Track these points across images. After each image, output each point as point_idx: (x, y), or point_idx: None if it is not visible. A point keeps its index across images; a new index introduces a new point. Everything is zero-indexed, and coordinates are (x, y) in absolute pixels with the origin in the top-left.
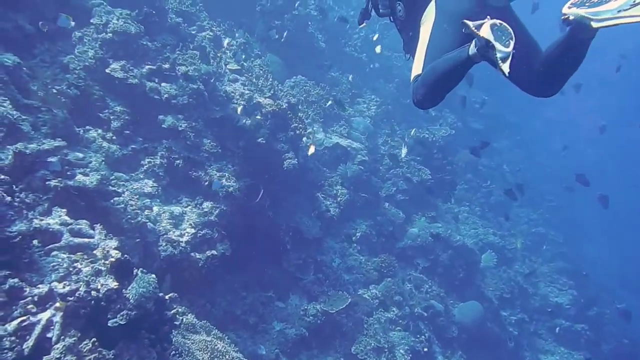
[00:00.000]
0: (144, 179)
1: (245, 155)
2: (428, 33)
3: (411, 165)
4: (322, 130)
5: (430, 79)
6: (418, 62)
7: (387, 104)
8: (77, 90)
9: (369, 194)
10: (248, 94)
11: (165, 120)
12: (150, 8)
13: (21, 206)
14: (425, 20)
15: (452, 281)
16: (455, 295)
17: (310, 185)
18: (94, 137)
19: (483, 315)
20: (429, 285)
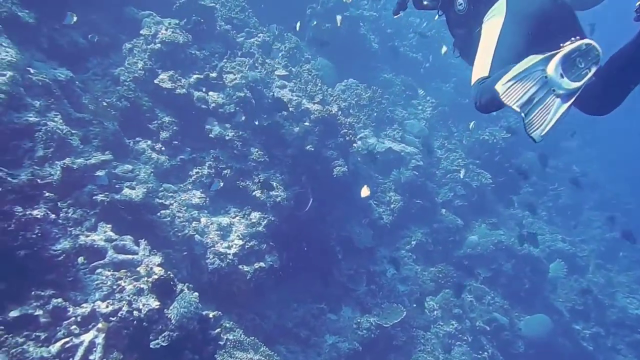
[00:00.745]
0: (192, 190)
1: (294, 163)
2: (496, 32)
3: (470, 169)
4: (374, 135)
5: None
6: (483, 63)
7: (444, 105)
8: (127, 102)
9: (425, 200)
10: (296, 100)
11: (213, 129)
12: (199, 17)
13: (66, 223)
14: (492, 17)
15: (516, 292)
16: (521, 307)
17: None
18: (144, 149)
19: (553, 329)
20: (491, 297)
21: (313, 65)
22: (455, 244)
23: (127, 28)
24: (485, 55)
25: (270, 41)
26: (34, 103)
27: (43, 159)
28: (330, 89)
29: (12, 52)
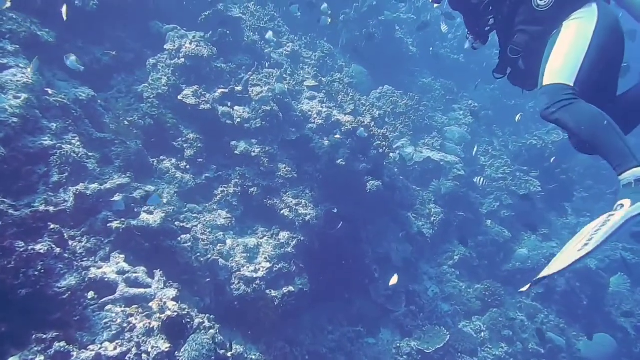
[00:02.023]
0: (218, 210)
1: (325, 178)
2: (586, 39)
3: (517, 177)
4: (411, 144)
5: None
6: (566, 68)
7: (487, 109)
8: (151, 120)
9: (468, 211)
10: (326, 111)
11: (238, 145)
12: (225, 28)
13: (72, 257)
14: (580, 20)
15: (573, 310)
16: (579, 326)
17: (398, 205)
18: (168, 168)
19: (617, 350)
20: (544, 315)
21: (347, 72)
22: (503, 258)
23: (152, 43)
24: (569, 61)
25: (301, 50)
26: (51, 125)
27: (58, 184)
28: (364, 97)
29: (29, 73)
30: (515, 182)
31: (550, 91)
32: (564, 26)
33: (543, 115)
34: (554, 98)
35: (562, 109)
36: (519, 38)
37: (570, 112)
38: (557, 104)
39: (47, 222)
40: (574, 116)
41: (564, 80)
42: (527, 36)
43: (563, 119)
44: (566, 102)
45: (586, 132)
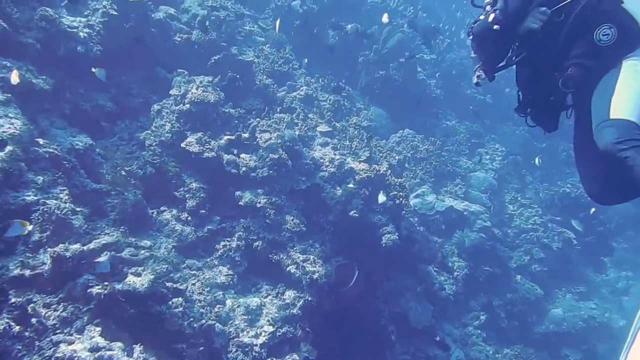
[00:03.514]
0: (219, 266)
1: (336, 231)
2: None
3: (549, 228)
4: (432, 192)
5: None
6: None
7: (516, 154)
8: (153, 168)
9: (495, 266)
10: (339, 159)
11: (243, 196)
12: (235, 72)
13: (33, 336)
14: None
15: None
16: None
17: (417, 259)
18: (168, 220)
19: None
20: None
21: (365, 115)
22: (535, 319)
23: (159, 88)
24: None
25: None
26: (37, 179)
27: (38, 244)
28: (383, 142)
29: (18, 123)
30: (547, 233)
31: (622, 126)
32: (625, 65)
33: (609, 149)
34: (627, 134)
35: (636, 148)
36: (575, 72)
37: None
38: (631, 141)
39: (8, 294)
40: None
41: (635, 119)
42: (584, 70)
43: (634, 158)
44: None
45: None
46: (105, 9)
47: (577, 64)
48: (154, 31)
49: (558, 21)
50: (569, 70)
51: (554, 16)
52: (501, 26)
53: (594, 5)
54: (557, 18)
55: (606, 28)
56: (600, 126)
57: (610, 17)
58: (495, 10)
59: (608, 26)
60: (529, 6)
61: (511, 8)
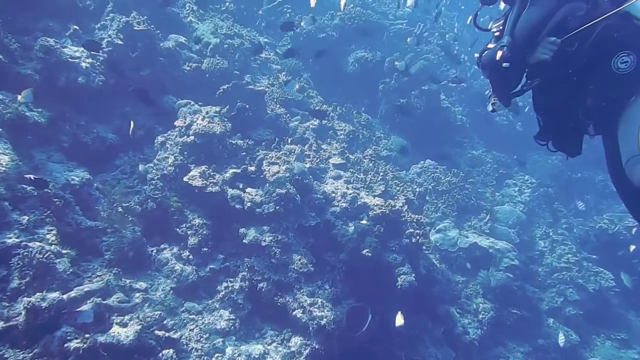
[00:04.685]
0: (220, 310)
1: (348, 270)
2: None
3: (584, 267)
4: (455, 227)
5: None
6: None
7: (547, 186)
8: (154, 203)
9: (523, 308)
10: (352, 193)
11: (247, 233)
12: (245, 102)
13: None
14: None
15: None
16: None
17: (437, 300)
18: (167, 259)
19: None
20: None
21: (385, 145)
22: None
23: (166, 119)
24: None
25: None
26: (22, 219)
27: (17, 291)
28: (402, 173)
29: (5, 159)
30: (582, 273)
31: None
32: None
33: None
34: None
35: None
36: (595, 102)
37: None
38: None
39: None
40: None
41: None
42: (604, 100)
43: None
44: None
45: None
46: (111, 38)
47: (596, 94)
48: (163, 60)
49: (571, 50)
50: (588, 101)
51: (566, 45)
52: (510, 62)
53: (609, 32)
54: (570, 47)
55: (624, 56)
56: (632, 162)
57: (628, 43)
58: (502, 47)
59: (626, 53)
60: (538, 37)
61: (519, 41)
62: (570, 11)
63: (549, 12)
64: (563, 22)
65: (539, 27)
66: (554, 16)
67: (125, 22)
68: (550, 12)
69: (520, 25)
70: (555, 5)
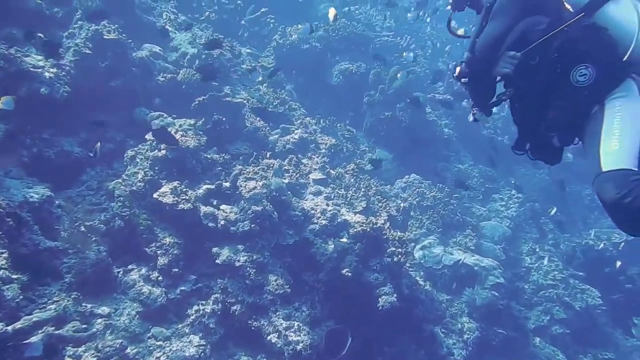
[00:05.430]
0: (189, 335)
1: (327, 291)
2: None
3: (571, 285)
4: (439, 243)
5: None
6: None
7: (534, 201)
8: (121, 221)
9: (509, 327)
10: (332, 210)
11: (221, 253)
12: (223, 114)
13: None
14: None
15: None
16: None
17: (421, 321)
18: (135, 280)
19: None
20: None
21: (369, 158)
22: None
23: (138, 132)
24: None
25: (306, 138)
26: None
27: None
28: (387, 187)
29: None
30: (569, 291)
31: (616, 178)
32: (608, 105)
33: (617, 206)
34: (625, 185)
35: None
36: (555, 115)
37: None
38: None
39: None
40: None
41: (628, 165)
42: (565, 113)
43: None
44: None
45: None
46: (78, 47)
47: (556, 107)
48: (135, 70)
49: (533, 64)
50: (550, 114)
51: (528, 59)
52: (469, 78)
53: (567, 46)
54: (532, 61)
55: (582, 68)
56: (597, 182)
57: (587, 55)
58: (461, 63)
59: (584, 66)
60: (498, 51)
61: (479, 57)
62: (529, 25)
63: (508, 27)
64: (524, 35)
65: (498, 41)
66: (512, 30)
67: (95, 31)
68: (509, 27)
69: (480, 40)
70: (514, 20)
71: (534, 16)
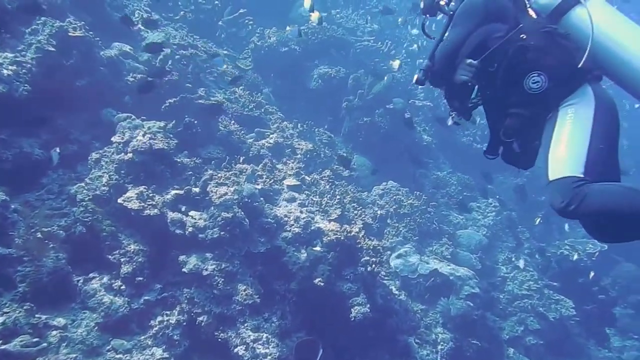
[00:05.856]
0: (152, 347)
1: (299, 301)
2: (587, 126)
3: (545, 295)
4: (416, 252)
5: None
6: (572, 158)
7: (511, 209)
8: (83, 227)
9: (484, 338)
10: (305, 217)
11: (188, 261)
12: (196, 117)
13: None
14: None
15: None
16: None
17: (394, 331)
18: (95, 289)
19: None
20: None
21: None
22: None
23: (106, 134)
24: (573, 151)
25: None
26: None
27: None
28: (364, 194)
29: None
30: (543, 301)
31: (561, 186)
32: (561, 112)
33: (564, 213)
34: (568, 193)
35: (585, 200)
36: (511, 122)
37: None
38: (576, 197)
39: None
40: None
41: (572, 172)
42: (520, 120)
43: (589, 207)
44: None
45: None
46: (40, 44)
47: (512, 113)
48: (103, 70)
49: (492, 71)
50: (507, 120)
51: (487, 66)
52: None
53: (521, 53)
54: (490, 68)
55: (535, 76)
56: (547, 190)
57: (539, 63)
58: (420, 70)
59: (537, 73)
60: (456, 59)
61: (437, 65)
62: (487, 33)
63: (467, 34)
64: (482, 43)
65: (455, 49)
66: (469, 38)
67: (59, 27)
68: (467, 34)
69: (440, 48)
70: (472, 28)
71: (494, 23)
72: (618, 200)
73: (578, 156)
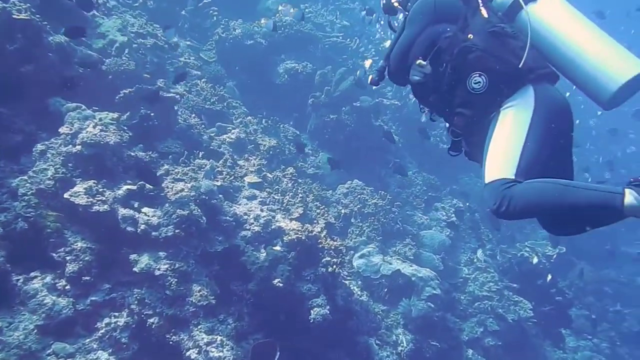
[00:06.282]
0: (97, 350)
1: (257, 302)
2: (523, 127)
3: (505, 296)
4: (379, 252)
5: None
6: (505, 162)
7: (474, 211)
8: (25, 223)
9: (443, 339)
10: (266, 216)
11: (139, 261)
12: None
13: None
14: (516, 107)
15: None
16: None
17: (355, 333)
18: (36, 290)
19: None
20: None
21: (312, 162)
22: None
23: (53, 124)
24: (507, 153)
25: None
26: None
27: None
28: (329, 192)
29: None
30: (502, 302)
31: (492, 189)
32: (502, 113)
33: (498, 215)
34: (498, 195)
35: (514, 200)
36: (457, 121)
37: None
38: (504, 199)
39: None
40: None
41: (503, 175)
42: (465, 119)
43: (518, 207)
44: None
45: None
46: None
47: (457, 113)
48: (52, 56)
49: (441, 71)
50: (454, 119)
51: (437, 66)
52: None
53: (464, 53)
54: (440, 68)
55: (476, 76)
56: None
57: (480, 64)
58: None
59: (478, 74)
60: (408, 59)
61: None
62: (436, 33)
63: (416, 35)
64: (433, 43)
65: (406, 50)
66: (420, 38)
67: (1, 9)
68: (416, 35)
69: (395, 48)
70: (422, 28)
71: (444, 23)
72: (543, 196)
73: (511, 158)
